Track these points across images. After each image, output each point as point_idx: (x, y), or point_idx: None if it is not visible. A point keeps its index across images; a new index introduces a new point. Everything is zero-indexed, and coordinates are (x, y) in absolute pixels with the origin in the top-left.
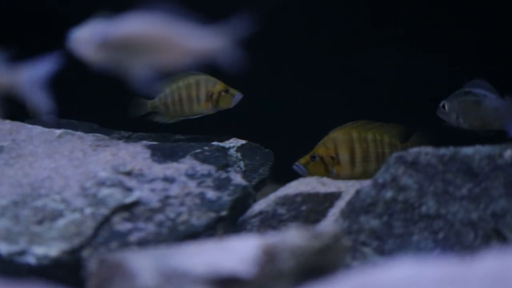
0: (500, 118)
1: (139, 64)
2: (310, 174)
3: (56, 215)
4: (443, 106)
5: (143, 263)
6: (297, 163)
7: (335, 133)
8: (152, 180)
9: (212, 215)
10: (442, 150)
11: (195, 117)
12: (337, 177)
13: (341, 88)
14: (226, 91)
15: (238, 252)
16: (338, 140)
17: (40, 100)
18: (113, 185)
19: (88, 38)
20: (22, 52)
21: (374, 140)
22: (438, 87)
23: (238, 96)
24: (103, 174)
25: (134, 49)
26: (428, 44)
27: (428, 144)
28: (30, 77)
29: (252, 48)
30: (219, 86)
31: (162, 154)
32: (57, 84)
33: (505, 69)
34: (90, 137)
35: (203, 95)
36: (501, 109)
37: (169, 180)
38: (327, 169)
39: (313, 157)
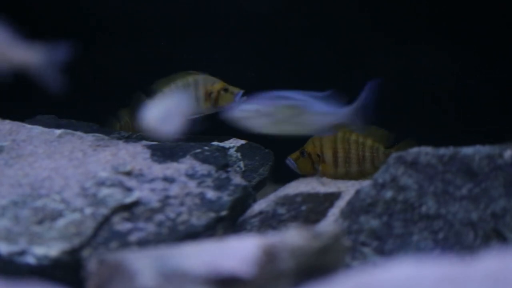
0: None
1: None
2: (299, 169)
3: (56, 215)
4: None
5: (143, 263)
6: (289, 158)
7: None
8: (152, 180)
9: (212, 215)
10: (442, 150)
11: (195, 116)
12: (322, 175)
13: (342, 88)
14: (226, 90)
15: (238, 252)
16: (324, 139)
17: (52, 82)
18: (113, 185)
19: None
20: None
21: (356, 142)
22: (439, 89)
23: (239, 94)
24: (103, 174)
25: None
26: (429, 44)
27: None
28: (48, 58)
29: (253, 49)
30: (218, 85)
31: (162, 154)
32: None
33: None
34: (90, 137)
35: (201, 94)
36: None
37: (169, 180)
38: (314, 166)
39: (302, 153)
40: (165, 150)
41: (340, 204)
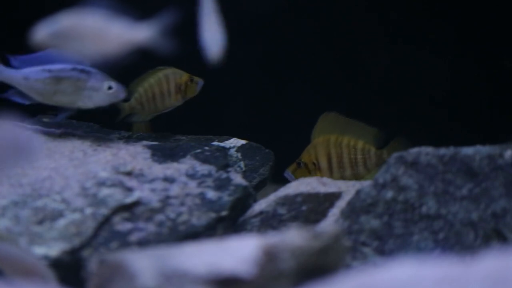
0: None
1: (82, 50)
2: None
3: (56, 215)
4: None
5: (143, 263)
6: (287, 170)
7: (317, 139)
8: (152, 180)
9: (213, 215)
10: (442, 150)
11: (166, 111)
12: None
13: (342, 89)
14: (191, 80)
15: (238, 252)
16: (318, 146)
17: None
18: (113, 185)
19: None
20: None
21: (348, 145)
22: (438, 89)
23: (200, 82)
24: (104, 174)
25: (74, 38)
26: (427, 43)
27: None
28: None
29: (253, 48)
30: (184, 77)
31: (163, 154)
32: None
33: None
34: (90, 137)
35: (173, 88)
36: None
37: (169, 180)
38: (311, 175)
39: (298, 164)
40: (165, 150)
41: (341, 204)
